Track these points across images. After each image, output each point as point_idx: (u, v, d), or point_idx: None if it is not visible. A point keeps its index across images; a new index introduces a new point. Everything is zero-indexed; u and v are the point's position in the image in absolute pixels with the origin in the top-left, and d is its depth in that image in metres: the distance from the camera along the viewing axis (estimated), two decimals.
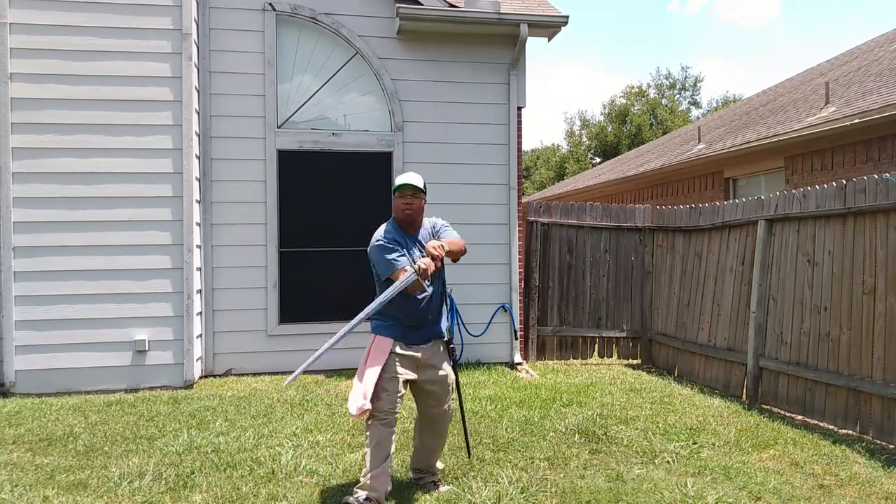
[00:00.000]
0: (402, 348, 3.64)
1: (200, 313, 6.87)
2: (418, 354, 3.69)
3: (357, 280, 7.48)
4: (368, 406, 3.45)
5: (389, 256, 3.57)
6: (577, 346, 8.26)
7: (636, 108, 36.48)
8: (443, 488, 3.83)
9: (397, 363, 3.61)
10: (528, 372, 7.37)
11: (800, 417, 5.59)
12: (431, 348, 3.75)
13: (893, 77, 9.32)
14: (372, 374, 3.53)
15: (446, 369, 3.79)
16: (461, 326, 7.52)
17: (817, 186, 5.63)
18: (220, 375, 7.05)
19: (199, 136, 6.85)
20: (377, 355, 3.60)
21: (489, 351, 7.67)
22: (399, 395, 3.61)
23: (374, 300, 3.52)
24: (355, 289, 7.48)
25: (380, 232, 3.68)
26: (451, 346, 3.88)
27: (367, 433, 3.54)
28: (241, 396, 6.04)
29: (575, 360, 8.19)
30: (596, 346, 8.29)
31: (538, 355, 8.10)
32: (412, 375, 3.67)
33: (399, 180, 3.69)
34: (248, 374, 7.05)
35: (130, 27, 6.48)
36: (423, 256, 3.52)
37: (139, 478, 3.98)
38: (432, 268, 3.43)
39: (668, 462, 4.35)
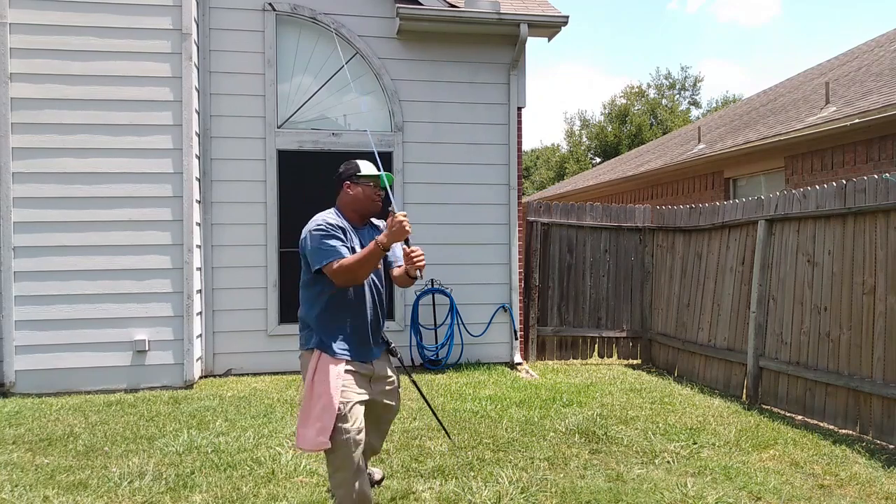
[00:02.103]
0: (354, 366, 3.10)
1: (200, 313, 6.88)
2: (370, 370, 3.18)
3: None
4: (328, 444, 2.91)
5: (330, 243, 2.97)
6: (577, 346, 8.25)
7: (636, 108, 36.48)
8: (377, 474, 3.79)
9: (354, 383, 3.07)
10: (528, 372, 7.37)
11: (800, 417, 5.59)
12: (381, 359, 3.25)
13: (894, 77, 9.32)
14: (330, 403, 2.95)
15: (393, 374, 3.32)
16: (461, 326, 7.52)
17: (817, 186, 5.63)
18: (220, 375, 7.05)
19: (199, 135, 6.86)
20: (331, 379, 2.99)
21: (489, 351, 7.67)
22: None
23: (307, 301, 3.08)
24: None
25: (322, 215, 3.11)
26: (391, 345, 3.31)
27: (339, 465, 2.97)
28: (241, 396, 6.04)
29: (575, 360, 8.19)
30: (596, 346, 8.29)
31: (538, 355, 8.10)
32: (365, 396, 3.11)
33: (374, 169, 3.22)
34: (248, 374, 7.05)
35: (130, 27, 6.48)
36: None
37: (139, 478, 3.98)
38: (407, 226, 2.90)
39: (668, 462, 4.34)
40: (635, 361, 8.22)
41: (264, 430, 4.96)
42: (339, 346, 3.06)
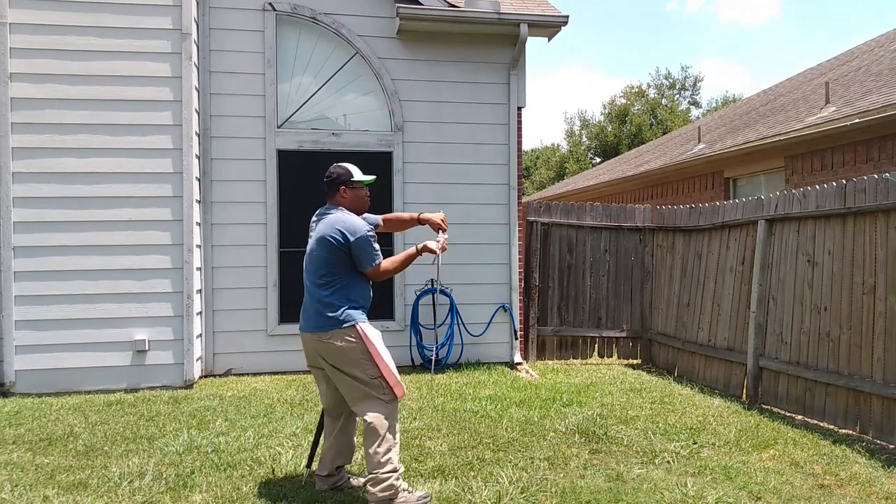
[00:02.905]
0: None
1: (200, 313, 6.87)
2: None
3: None
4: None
5: (376, 248, 3.63)
6: (577, 346, 8.25)
7: (636, 108, 36.49)
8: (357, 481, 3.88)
9: None
10: (528, 372, 7.37)
11: (800, 417, 5.59)
12: None
13: (894, 77, 9.32)
14: (388, 356, 3.58)
15: None
16: (461, 326, 7.52)
17: (817, 186, 5.62)
18: (220, 375, 7.05)
19: (199, 135, 6.85)
20: (378, 340, 3.58)
21: (489, 351, 7.67)
22: None
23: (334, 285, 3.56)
24: None
25: (359, 222, 3.62)
26: None
27: (387, 418, 3.51)
28: (241, 396, 6.04)
29: (575, 360, 8.19)
30: (596, 345, 8.29)
31: (538, 355, 8.10)
32: None
33: (363, 175, 3.80)
34: (248, 374, 7.05)
35: (130, 27, 6.48)
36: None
37: (139, 478, 3.98)
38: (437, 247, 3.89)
39: (668, 462, 4.34)
40: (635, 361, 8.22)
41: (264, 429, 4.96)
42: (364, 315, 3.63)
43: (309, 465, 4.02)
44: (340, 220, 3.59)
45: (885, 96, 8.44)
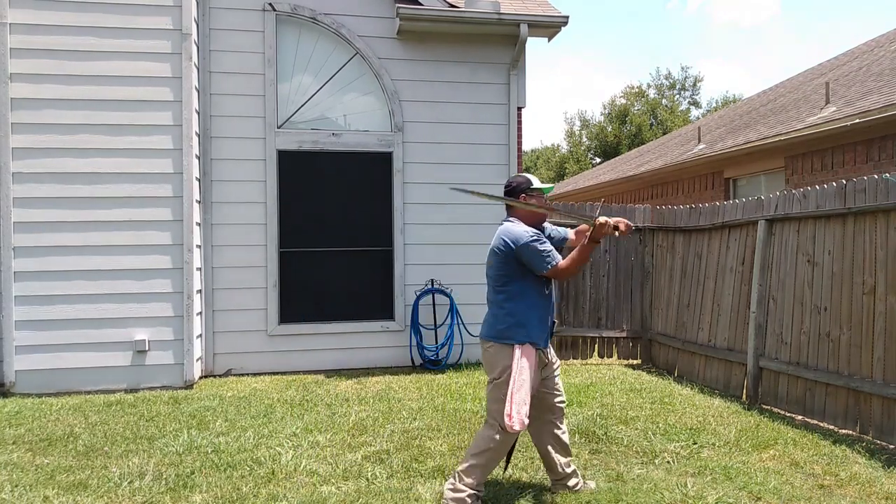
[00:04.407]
0: (541, 355, 3.61)
1: (200, 313, 6.88)
2: (545, 357, 3.67)
3: (357, 280, 7.50)
4: (527, 420, 3.45)
5: (543, 250, 3.51)
6: (577, 346, 8.25)
7: (636, 108, 36.48)
8: (591, 484, 3.88)
9: (538, 370, 3.59)
10: None
11: (800, 417, 5.59)
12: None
13: (894, 77, 9.32)
14: (528, 387, 3.46)
15: (556, 358, 3.82)
16: (461, 326, 7.52)
17: (817, 186, 5.62)
18: (220, 375, 7.05)
19: (199, 136, 6.86)
20: (532, 365, 3.49)
21: None
22: None
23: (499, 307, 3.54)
24: (355, 289, 7.50)
25: (521, 230, 3.54)
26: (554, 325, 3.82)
27: (497, 438, 3.48)
28: (241, 396, 6.04)
29: (575, 360, 8.19)
30: (596, 346, 8.28)
31: None
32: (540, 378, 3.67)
33: (541, 184, 3.75)
34: (248, 374, 7.05)
35: (130, 27, 6.49)
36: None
37: (139, 478, 3.99)
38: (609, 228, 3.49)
39: (668, 462, 4.34)
40: (635, 361, 8.22)
41: (264, 430, 4.96)
42: (537, 335, 3.53)
43: (505, 469, 3.97)
44: (505, 231, 3.59)
45: (885, 96, 8.44)
